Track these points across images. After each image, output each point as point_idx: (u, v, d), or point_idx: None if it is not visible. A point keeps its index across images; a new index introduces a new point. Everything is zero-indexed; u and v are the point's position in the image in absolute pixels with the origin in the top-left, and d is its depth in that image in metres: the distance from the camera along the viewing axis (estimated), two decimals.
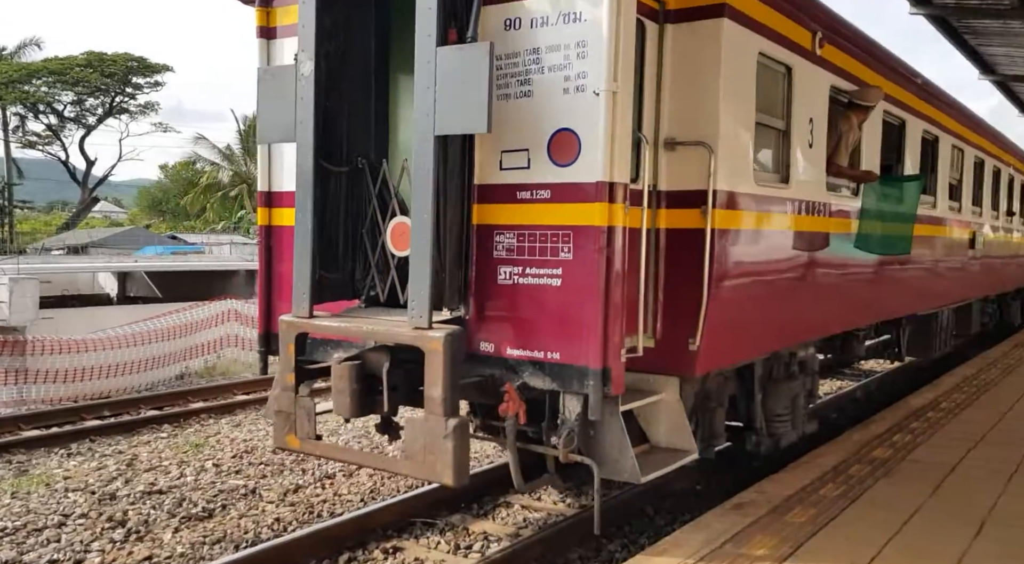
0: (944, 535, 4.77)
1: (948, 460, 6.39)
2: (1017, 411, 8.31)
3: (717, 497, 6.88)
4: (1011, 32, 12.41)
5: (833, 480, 5.83)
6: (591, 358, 4.48)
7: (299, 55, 4.96)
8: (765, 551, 4.52)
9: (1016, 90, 17.54)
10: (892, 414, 8.10)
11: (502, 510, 6.65)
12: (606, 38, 4.38)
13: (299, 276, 5.08)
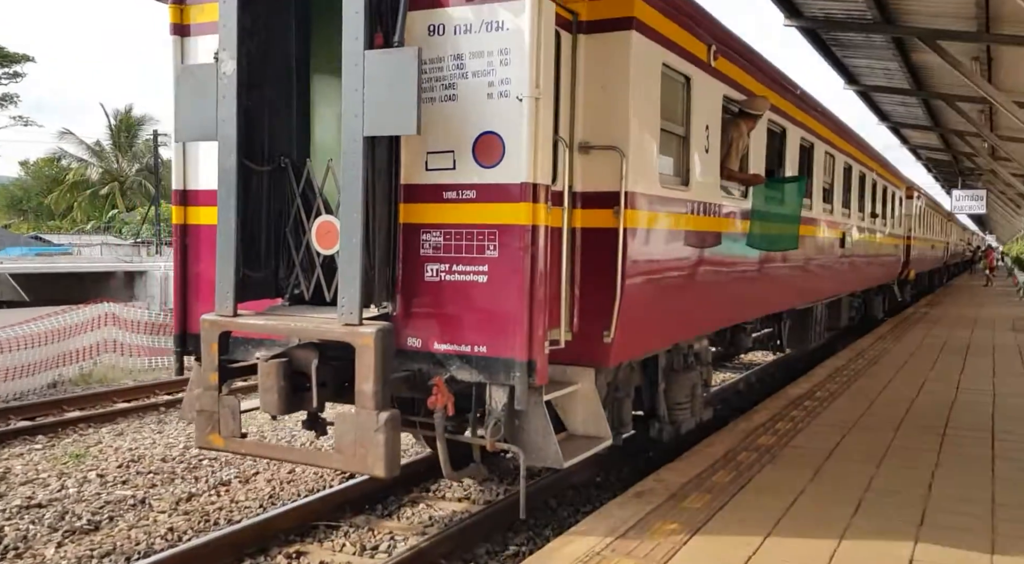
0: (826, 515, 5.12)
1: (826, 445, 6.85)
2: (884, 398, 8.98)
3: (616, 487, 7.14)
4: (873, 45, 13.37)
5: (724, 467, 6.14)
6: (517, 351, 4.67)
7: (220, 54, 4.97)
8: (665, 536, 4.73)
9: (876, 99, 18.87)
10: (773, 403, 8.60)
11: (407, 509, 6.64)
12: (528, 47, 4.59)
13: (222, 275, 5.06)
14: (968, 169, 30.33)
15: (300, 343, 5.09)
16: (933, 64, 13.39)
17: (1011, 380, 10.37)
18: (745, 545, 4.60)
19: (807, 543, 4.64)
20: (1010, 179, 25.04)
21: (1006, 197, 37.38)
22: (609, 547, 4.55)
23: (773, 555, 4.47)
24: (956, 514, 5.14)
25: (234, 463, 8.10)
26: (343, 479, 7.53)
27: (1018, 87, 14.44)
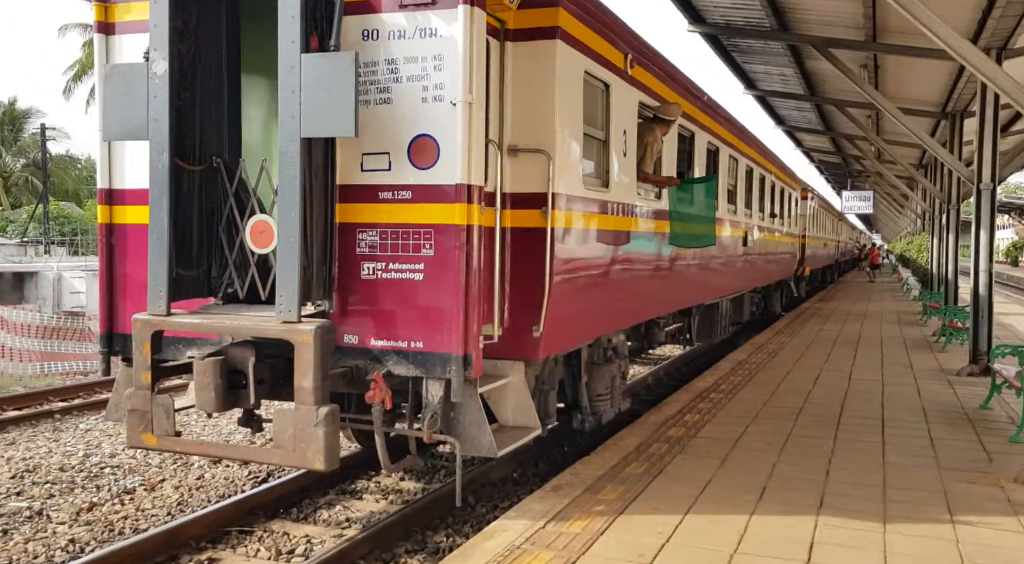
0: (734, 501, 5.36)
1: (731, 435, 7.14)
2: (783, 389, 9.42)
3: (533, 482, 7.24)
4: (770, 52, 13.95)
5: (637, 459, 6.33)
6: (453, 346, 4.85)
7: (152, 54, 4.97)
8: (583, 527, 4.84)
9: (773, 104, 19.69)
10: (681, 396, 8.90)
11: (324, 511, 6.55)
12: (462, 54, 4.77)
13: (155, 274, 5.07)
14: (857, 171, 32.00)
15: (236, 341, 5.14)
16: (825, 71, 14.08)
17: (899, 370, 11.04)
18: (658, 533, 4.76)
19: (717, 528, 4.84)
20: (895, 181, 26.56)
21: (891, 198, 39.61)
22: (529, 540, 4.63)
23: (685, 540, 4.65)
24: (851, 497, 5.46)
25: (138, 470, 7.81)
26: (255, 484, 7.37)
27: (901, 93, 15.37)
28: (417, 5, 4.89)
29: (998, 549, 4.57)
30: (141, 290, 5.33)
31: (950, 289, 16.69)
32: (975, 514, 5.13)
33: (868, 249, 50.14)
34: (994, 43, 10.09)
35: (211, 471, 7.79)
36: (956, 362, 11.52)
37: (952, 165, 13.01)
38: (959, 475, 5.99)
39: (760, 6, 10.72)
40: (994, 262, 10.97)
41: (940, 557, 4.45)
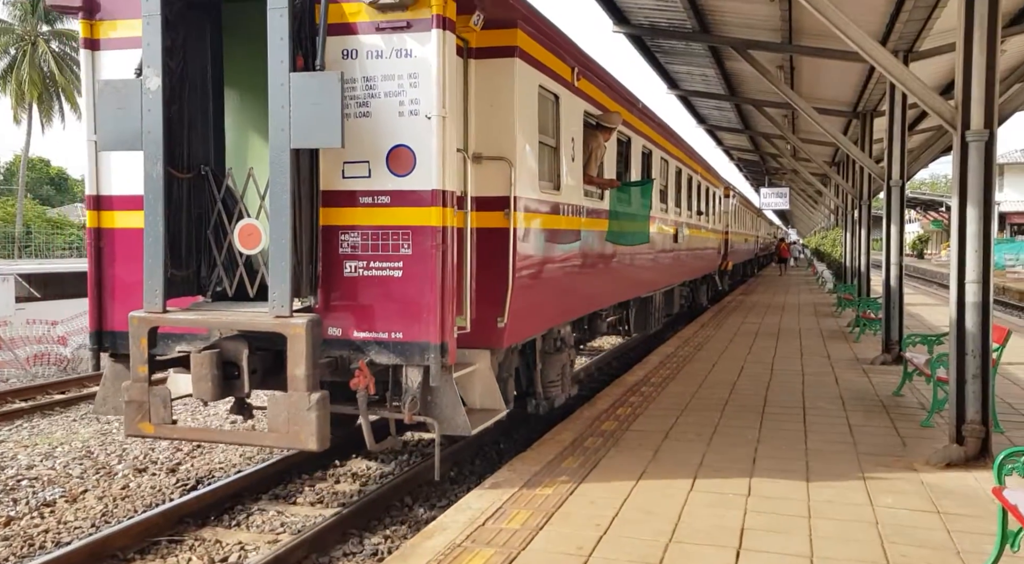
0: (667, 491, 5.50)
1: (662, 427, 7.32)
2: (709, 381, 9.69)
3: (471, 481, 7.27)
4: (691, 53, 14.27)
5: (572, 453, 6.42)
6: (431, 336, 5.38)
7: (145, 71, 5.40)
8: (522, 523, 4.90)
9: (695, 103, 20.15)
10: (613, 391, 9.06)
11: (257, 517, 6.43)
12: (435, 73, 5.29)
13: (151, 274, 5.49)
14: (774, 168, 33.06)
15: (229, 335, 5.62)
16: (744, 72, 14.50)
17: (817, 360, 11.49)
18: (596, 525, 4.86)
19: (652, 518, 4.96)
20: (809, 178, 27.53)
21: (806, 194, 41.08)
22: (469, 538, 4.66)
23: (621, 531, 4.75)
24: (777, 484, 5.67)
25: (58, 482, 7.51)
26: (183, 491, 7.18)
27: (816, 94, 15.95)
28: (393, 28, 5.35)
29: (913, 528, 4.82)
30: (129, 290, 5.87)
31: (863, 281, 17.43)
32: (892, 496, 5.40)
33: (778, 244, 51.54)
34: (901, 46, 10.59)
35: (136, 480, 7.56)
36: (870, 351, 12.05)
37: (863, 162, 13.58)
38: (876, 460, 6.29)
39: (682, 8, 10.97)
40: (903, 255, 11.53)
41: (861, 538, 4.67)
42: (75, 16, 6.11)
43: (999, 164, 56.90)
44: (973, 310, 6.05)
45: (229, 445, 8.14)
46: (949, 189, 6.59)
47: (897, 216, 11.34)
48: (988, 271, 6.04)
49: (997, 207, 55.18)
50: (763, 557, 4.39)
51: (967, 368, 6.09)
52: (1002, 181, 54.95)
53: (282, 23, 5.13)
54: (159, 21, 5.32)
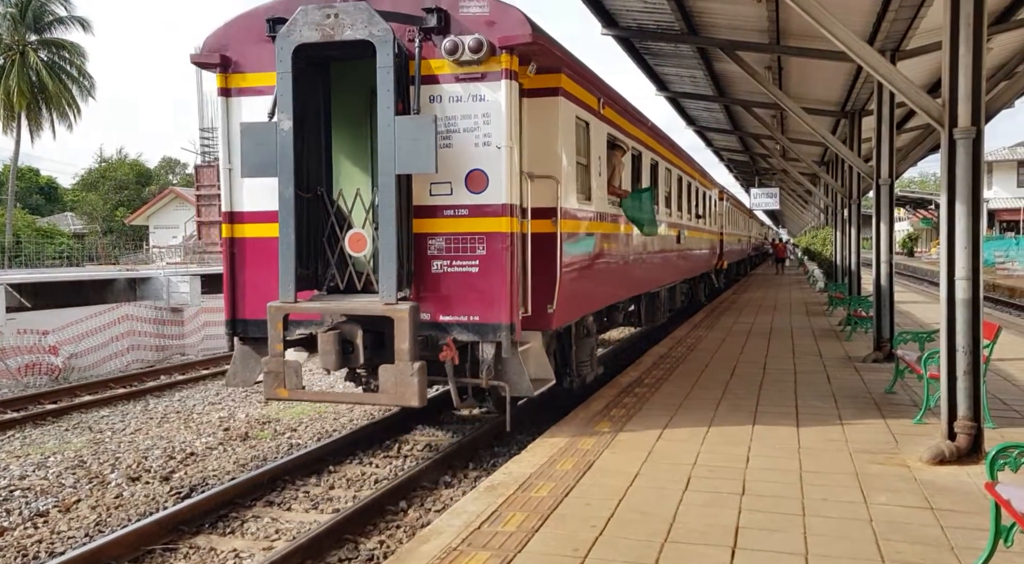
0: (662, 494, 5.50)
1: (656, 428, 7.33)
2: (702, 382, 9.71)
3: (465, 485, 7.26)
4: (680, 54, 14.31)
5: (567, 455, 6.43)
6: (503, 318, 6.86)
7: (279, 115, 6.81)
8: (517, 525, 4.90)
9: (684, 105, 20.22)
10: (608, 392, 9.07)
11: (251, 524, 6.41)
12: (504, 113, 6.80)
13: (284, 273, 6.85)
14: (764, 169, 33.17)
15: (341, 320, 7.00)
16: (733, 73, 14.56)
17: (809, 359, 11.52)
18: (591, 527, 4.86)
19: (647, 519, 4.97)
20: (799, 177, 27.63)
21: (796, 194, 41.20)
22: (465, 541, 4.66)
23: (617, 532, 4.75)
24: (772, 483, 5.68)
25: (51, 492, 7.47)
26: (177, 499, 7.16)
27: (804, 94, 16.02)
28: (470, 79, 6.84)
29: (907, 525, 4.84)
30: (256, 287, 7.39)
31: (853, 280, 17.50)
32: (886, 493, 5.42)
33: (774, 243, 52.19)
34: (888, 45, 10.65)
35: (130, 489, 7.53)
36: (862, 349, 12.10)
37: (852, 162, 13.64)
38: (869, 457, 6.31)
39: (670, 10, 11.00)
40: (893, 253, 11.58)
41: (856, 535, 4.68)
42: (213, 71, 7.59)
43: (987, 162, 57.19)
44: (963, 307, 6.08)
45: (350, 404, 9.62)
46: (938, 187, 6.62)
47: (886, 214, 11.39)
48: (978, 268, 6.07)
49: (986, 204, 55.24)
50: (759, 556, 4.39)
51: (958, 365, 6.12)
52: (990, 179, 55.29)
53: (388, 78, 6.59)
54: (290, 77, 6.76)
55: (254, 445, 9.28)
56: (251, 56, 7.39)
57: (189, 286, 17.98)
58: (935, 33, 8.72)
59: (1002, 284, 34.05)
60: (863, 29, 10.59)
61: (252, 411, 11.37)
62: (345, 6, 6.77)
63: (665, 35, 12.57)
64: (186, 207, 48.02)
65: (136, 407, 12.04)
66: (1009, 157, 55.85)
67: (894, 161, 11.27)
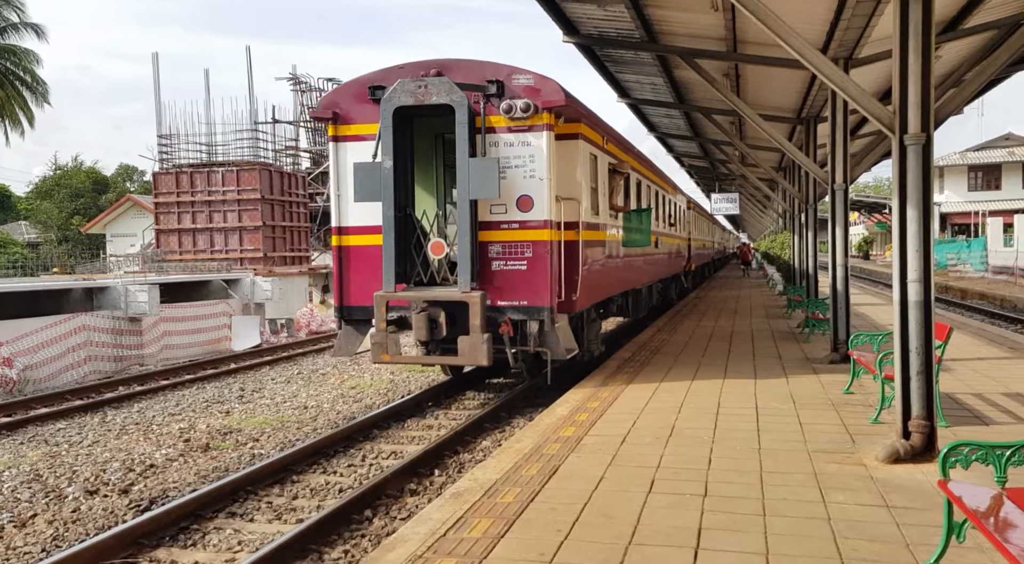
0: (627, 495, 5.56)
1: (620, 431, 7.40)
2: (664, 387, 9.82)
3: (430, 492, 7.25)
4: (640, 62, 14.46)
5: (533, 461, 6.46)
6: (545, 302, 9.57)
7: (382, 157, 9.46)
8: (483, 532, 4.91)
9: (645, 112, 20.43)
10: (573, 397, 9.13)
11: (213, 536, 6.33)
12: (545, 154, 9.54)
13: (387, 270, 9.48)
14: (723, 174, 33.60)
15: (427, 305, 9.43)
16: (692, 80, 14.74)
17: (769, 361, 11.71)
18: (557, 531, 4.89)
19: (610, 522, 5.01)
20: (758, 183, 28.08)
21: (755, 199, 41.80)
22: (431, 549, 4.65)
23: (582, 536, 4.79)
24: (733, 484, 5.77)
25: (6, 507, 7.30)
26: (137, 512, 7.04)
27: (761, 101, 16.30)
28: (520, 130, 9.51)
29: (864, 523, 4.95)
30: (358, 282, 10.13)
31: (811, 283, 17.82)
32: (843, 492, 5.54)
33: (740, 248, 53.25)
34: (841, 53, 10.89)
35: (87, 503, 7.38)
36: (819, 351, 12.33)
37: (808, 167, 13.90)
38: (827, 457, 6.44)
39: (630, 18, 11.12)
40: (849, 257, 11.82)
41: (815, 534, 4.78)
42: (327, 123, 10.27)
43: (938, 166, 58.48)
44: (916, 309, 6.24)
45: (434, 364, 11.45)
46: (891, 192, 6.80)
47: (842, 219, 11.63)
48: (929, 270, 6.24)
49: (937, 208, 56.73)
50: (721, 557, 4.46)
51: (911, 365, 6.27)
52: (942, 183, 56.68)
53: (464, 131, 9.27)
54: (391, 130, 9.41)
55: (215, 456, 9.16)
56: (355, 112, 10.06)
57: (148, 295, 17.66)
58: (886, 42, 8.94)
59: (954, 286, 34.92)
60: (817, 38, 10.82)
61: (213, 422, 11.22)
62: (431, 79, 9.38)
63: (625, 43, 12.69)
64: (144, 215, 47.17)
65: (94, 419, 11.80)
66: (960, 162, 57.33)
67: (848, 167, 11.52)
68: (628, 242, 14.20)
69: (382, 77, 9.83)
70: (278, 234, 30.29)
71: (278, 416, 11.50)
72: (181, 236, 29.69)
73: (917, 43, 6.19)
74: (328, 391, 13.48)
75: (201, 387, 14.63)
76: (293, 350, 19.83)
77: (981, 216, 50.67)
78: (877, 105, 6.58)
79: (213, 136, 30.72)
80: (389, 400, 12.09)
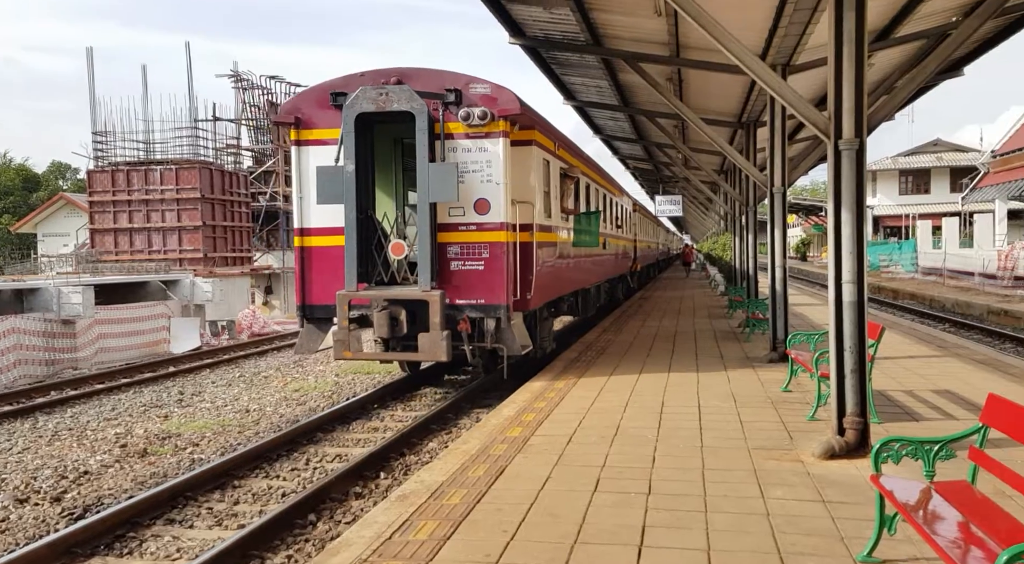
0: (573, 495, 5.60)
1: (567, 431, 7.45)
2: (609, 386, 9.92)
3: (376, 495, 7.19)
4: (586, 65, 14.61)
5: (479, 462, 6.46)
6: (502, 300, 10.04)
7: (344, 161, 9.75)
8: (429, 534, 4.89)
9: (591, 114, 20.62)
10: (519, 397, 9.16)
11: (151, 544, 6.17)
12: (501, 159, 9.95)
13: (349, 270, 9.81)
14: (667, 177, 34.11)
15: (388, 303, 9.75)
16: (636, 84, 14.94)
17: (711, 361, 11.93)
18: (503, 532, 4.90)
19: (557, 522, 5.04)
20: (700, 185, 28.53)
21: (697, 201, 42.55)
22: (376, 552, 4.62)
23: (529, 536, 4.81)
24: (676, 482, 5.87)
25: None
26: (70, 521, 6.83)
27: (703, 105, 16.61)
28: (478, 137, 9.91)
29: (801, 518, 5.08)
30: (320, 282, 10.37)
31: (751, 284, 18.20)
32: (782, 488, 5.68)
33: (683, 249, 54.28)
34: (780, 60, 11.17)
35: (17, 512, 7.13)
36: (759, 350, 12.61)
37: (748, 171, 14.21)
38: (766, 454, 6.60)
39: (575, 22, 11.22)
40: (787, 258, 12.12)
41: (754, 529, 4.89)
42: (289, 127, 10.51)
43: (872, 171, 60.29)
44: (850, 309, 6.43)
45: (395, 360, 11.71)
46: None
47: (780, 221, 11.92)
48: (862, 272, 6.44)
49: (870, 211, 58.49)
50: (664, 553, 4.53)
51: (846, 364, 6.47)
52: (875, 186, 58.53)
53: (424, 137, 9.62)
54: (352, 135, 9.72)
55: (153, 461, 8.94)
56: (317, 117, 10.32)
57: (82, 297, 17.12)
58: (822, 49, 9.20)
59: (886, 286, 36.08)
60: (756, 44, 11.08)
61: (151, 426, 10.94)
62: (392, 87, 9.73)
63: (571, 45, 12.79)
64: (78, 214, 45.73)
65: (24, 425, 11.39)
66: (891, 166, 59.26)
67: (786, 170, 11.82)
68: (578, 243, 14.82)
69: (343, 84, 10.09)
70: (219, 234, 29.69)
71: (219, 420, 11.27)
72: (117, 236, 28.88)
73: (851, 51, 6.38)
74: (271, 394, 13.27)
75: (139, 391, 14.25)
76: (235, 352, 19.45)
77: (911, 219, 52.46)
78: (814, 111, 6.77)
79: (151, 133, 29.99)
80: (334, 402, 11.96)
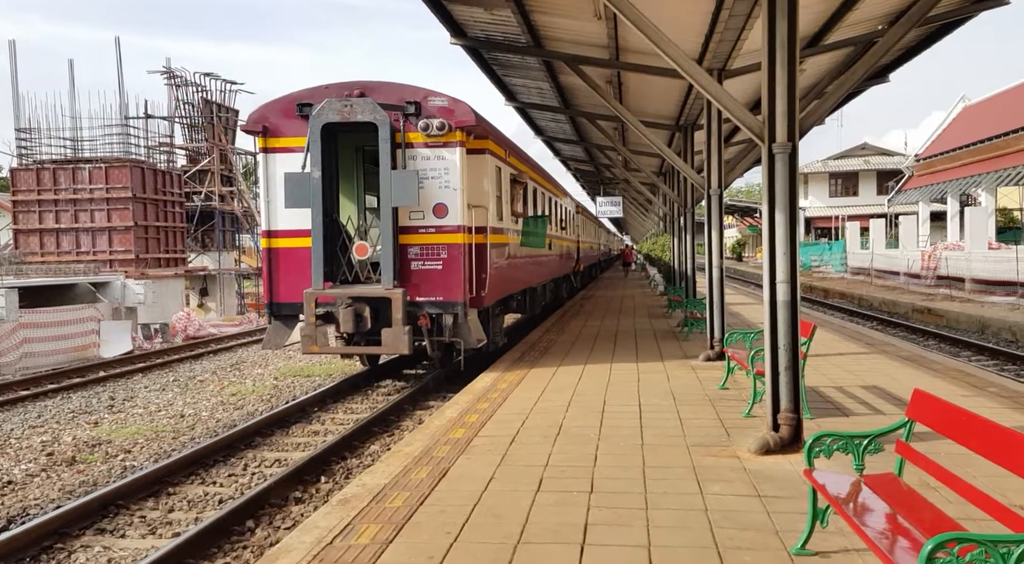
0: (516, 495, 5.62)
1: (510, 432, 7.47)
2: (552, 386, 9.99)
3: (316, 500, 7.09)
4: (527, 66, 14.66)
5: (422, 464, 6.43)
6: (459, 298, 10.78)
7: (311, 168, 10.41)
8: (371, 538, 4.84)
9: (532, 116, 20.72)
10: (463, 398, 9.15)
11: (80, 555, 5.96)
12: (458, 167, 10.76)
13: (316, 270, 10.45)
14: (608, 178, 34.51)
15: (352, 301, 10.43)
16: (577, 86, 15.07)
17: (651, 360, 12.11)
18: (446, 533, 4.88)
19: (501, 522, 5.05)
20: (640, 187, 28.97)
21: (637, 203, 43.14)
22: (316, 558, 4.56)
23: (472, 537, 4.80)
24: (618, 480, 5.94)
25: None
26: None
27: (642, 108, 16.84)
28: (437, 146, 10.71)
29: (738, 513, 5.20)
30: (287, 281, 11.01)
31: (690, 284, 18.53)
32: (719, 484, 5.80)
33: (623, 250, 55.19)
34: (716, 64, 11.40)
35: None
36: (698, 349, 12.85)
37: (686, 173, 14.46)
38: (704, 450, 6.73)
39: (516, 23, 11.26)
40: (724, 258, 12.38)
41: (693, 525, 4.98)
42: (257, 135, 11.19)
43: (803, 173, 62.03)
44: (783, 308, 6.60)
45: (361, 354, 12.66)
46: None
47: (717, 222, 12.17)
48: (795, 271, 6.62)
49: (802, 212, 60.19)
50: (605, 551, 4.58)
51: (780, 361, 6.64)
52: (806, 189, 60.24)
53: (386, 146, 10.42)
54: (319, 144, 10.43)
55: (83, 469, 8.65)
56: (283, 126, 11.01)
57: (4, 300, 16.46)
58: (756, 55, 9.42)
59: (818, 286, 37.17)
60: (693, 49, 11.29)
61: (80, 433, 10.58)
62: (356, 100, 10.51)
63: (512, 47, 12.83)
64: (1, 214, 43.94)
65: None
66: (822, 169, 61.09)
67: (723, 173, 12.07)
68: (526, 244, 15.86)
69: (309, 95, 10.85)
70: (151, 234, 28.88)
71: (152, 426, 10.97)
72: (43, 237, 27.86)
73: (784, 56, 6.55)
74: (207, 398, 12.96)
75: (66, 397, 13.76)
76: (168, 356, 18.94)
77: (841, 220, 54.17)
78: (748, 115, 6.93)
79: (79, 131, 29.02)
80: (273, 406, 11.75)
